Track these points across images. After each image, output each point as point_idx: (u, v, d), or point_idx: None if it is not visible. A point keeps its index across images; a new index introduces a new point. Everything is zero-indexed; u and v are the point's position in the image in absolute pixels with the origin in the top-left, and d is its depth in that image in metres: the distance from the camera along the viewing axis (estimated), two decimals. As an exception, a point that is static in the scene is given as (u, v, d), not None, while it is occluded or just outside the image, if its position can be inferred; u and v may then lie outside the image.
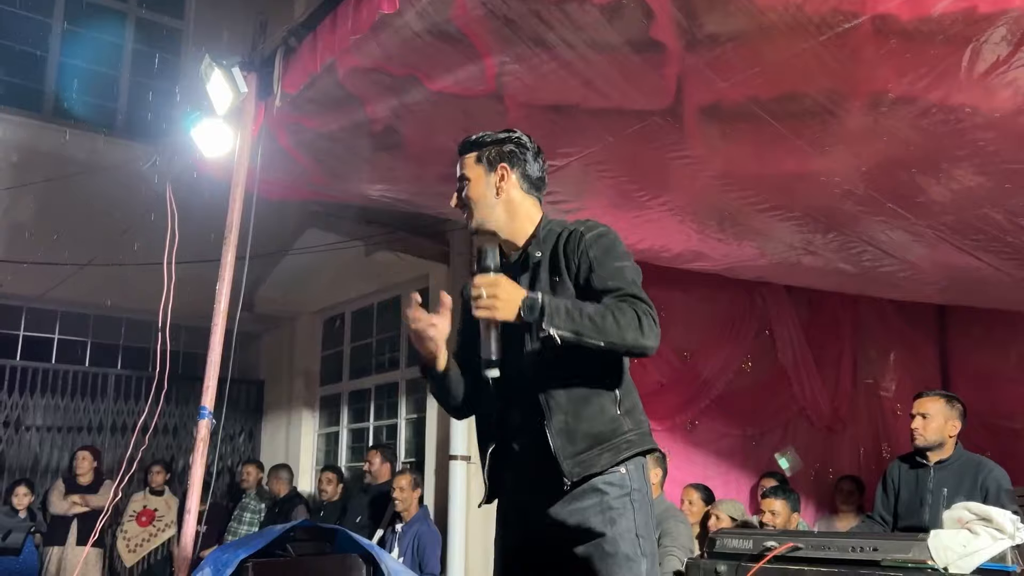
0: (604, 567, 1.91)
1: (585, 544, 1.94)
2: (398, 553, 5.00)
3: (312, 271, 6.83)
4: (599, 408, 2.00)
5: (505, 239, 2.16)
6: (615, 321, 1.88)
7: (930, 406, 3.67)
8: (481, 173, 2.16)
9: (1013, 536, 2.77)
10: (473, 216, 2.16)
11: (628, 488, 1.97)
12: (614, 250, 2.04)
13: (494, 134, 2.20)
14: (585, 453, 1.95)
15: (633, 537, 1.93)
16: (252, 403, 8.44)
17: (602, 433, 1.98)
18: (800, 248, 3.96)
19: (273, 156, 3.81)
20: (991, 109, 2.60)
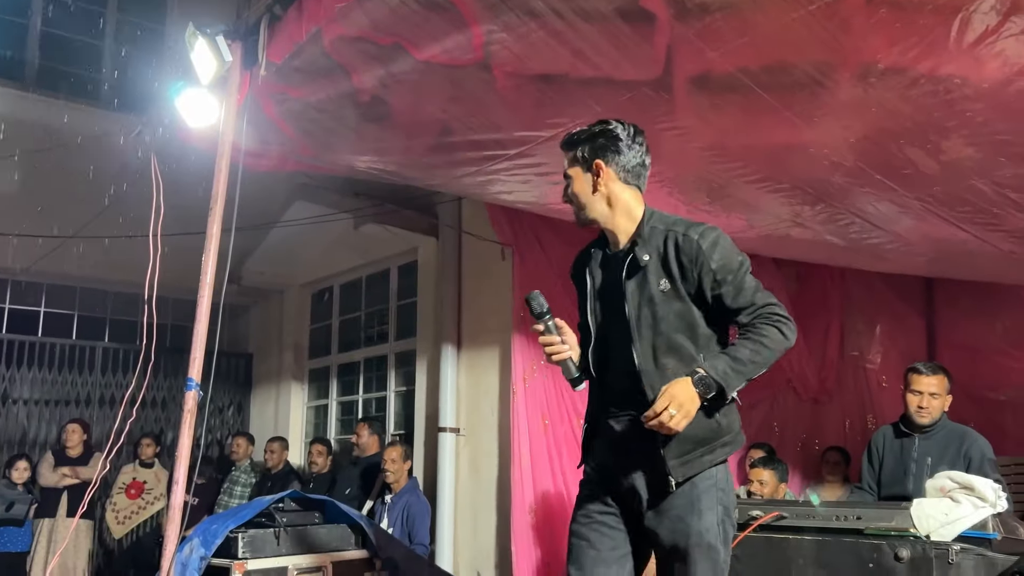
0: (690, 555, 2.08)
1: (672, 530, 2.11)
2: (387, 524, 5.03)
3: (300, 244, 6.80)
4: (706, 413, 2.11)
5: (607, 229, 2.30)
6: (767, 347, 2.07)
7: (937, 384, 3.70)
8: (579, 171, 2.28)
9: (994, 504, 2.81)
10: (578, 212, 2.30)
11: (715, 481, 2.14)
12: (732, 259, 2.14)
13: (588, 129, 2.28)
14: (689, 455, 2.11)
15: (716, 529, 2.10)
16: (241, 376, 8.44)
17: (705, 437, 2.13)
18: (788, 220, 3.96)
19: (259, 126, 3.77)
20: (980, 80, 2.58)
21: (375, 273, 7.20)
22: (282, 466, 6.60)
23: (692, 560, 2.08)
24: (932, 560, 2.67)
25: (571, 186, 2.29)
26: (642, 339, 2.15)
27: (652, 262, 2.17)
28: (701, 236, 2.14)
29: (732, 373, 2.03)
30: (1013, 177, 3.15)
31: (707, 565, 2.08)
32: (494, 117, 3.43)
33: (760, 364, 2.06)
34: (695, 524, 2.09)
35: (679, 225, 2.19)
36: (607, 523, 2.23)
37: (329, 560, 3.76)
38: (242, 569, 3.50)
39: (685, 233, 2.16)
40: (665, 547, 2.13)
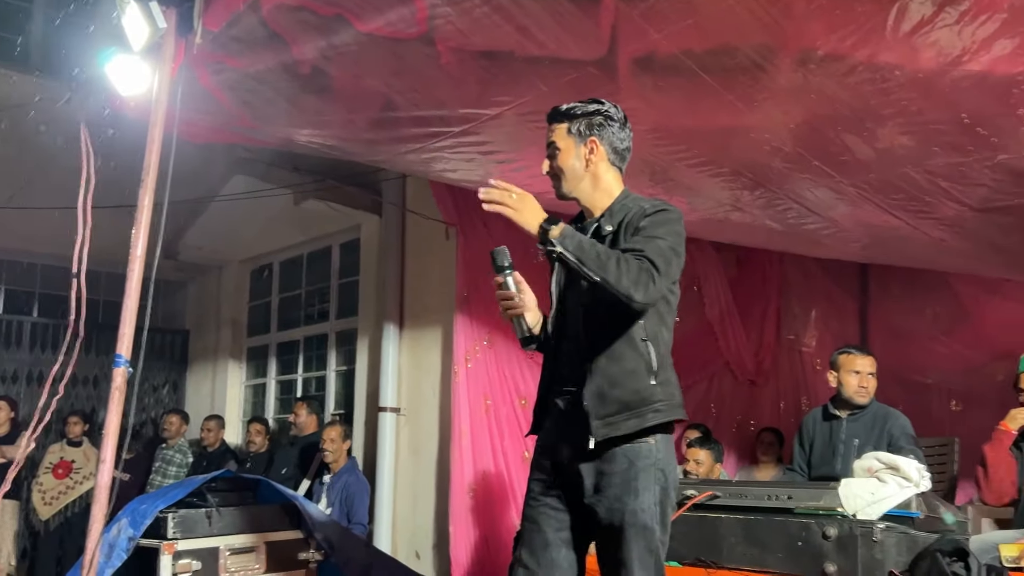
0: (624, 533, 2.09)
1: (609, 509, 2.11)
2: (326, 504, 4.98)
3: (239, 219, 6.66)
4: (633, 376, 2.14)
5: (585, 206, 2.33)
6: (618, 265, 2.04)
7: (871, 364, 3.87)
8: (571, 144, 2.28)
9: (918, 484, 2.90)
10: (562, 185, 2.30)
11: (654, 460, 2.13)
12: (663, 225, 2.16)
13: (584, 105, 2.29)
14: (613, 416, 2.11)
15: (653, 509, 2.11)
16: (177, 353, 8.26)
17: (632, 400, 2.13)
18: (728, 204, 4.00)
19: (195, 96, 3.65)
20: (915, 69, 2.63)
21: (316, 250, 7.10)
22: (218, 445, 6.49)
23: (626, 539, 2.08)
24: (858, 538, 2.73)
25: (559, 159, 2.29)
26: (591, 306, 2.17)
27: (611, 234, 2.20)
28: (654, 207, 2.18)
29: (577, 240, 2.06)
30: (945, 166, 3.23)
31: (641, 544, 2.08)
32: (438, 93, 3.38)
33: (600, 265, 2.04)
34: (631, 503, 2.09)
35: (647, 202, 2.23)
36: (552, 504, 2.24)
37: (263, 540, 3.70)
38: (172, 549, 3.42)
39: (643, 206, 2.20)
40: (603, 525, 2.14)
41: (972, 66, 2.54)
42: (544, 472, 2.28)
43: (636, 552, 2.07)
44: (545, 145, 2.33)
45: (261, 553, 3.70)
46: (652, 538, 2.10)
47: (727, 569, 2.97)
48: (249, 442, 6.34)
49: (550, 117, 2.33)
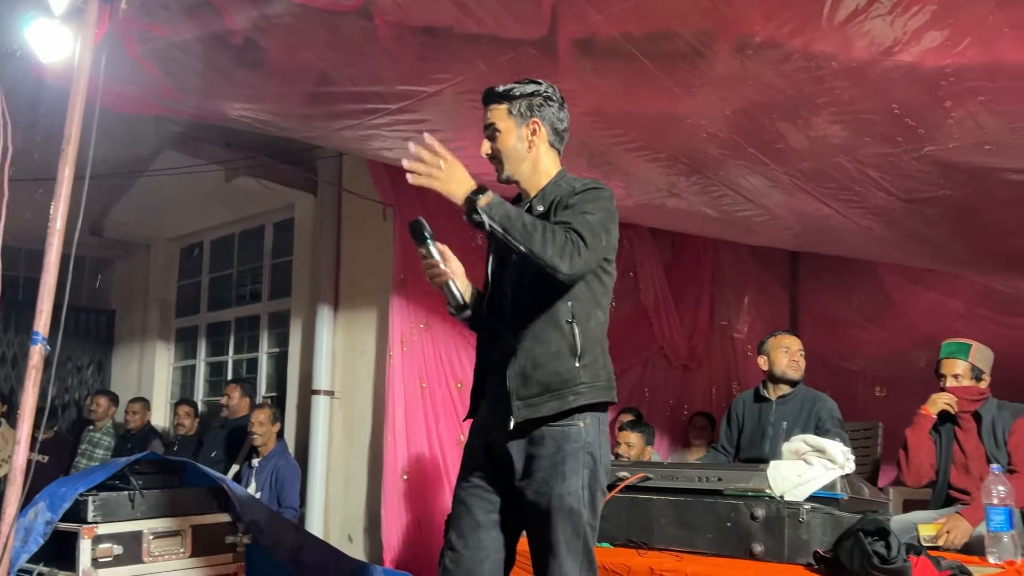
0: (551, 517, 2.08)
1: (536, 492, 2.10)
2: (255, 488, 4.89)
3: (168, 196, 6.46)
4: (557, 357, 2.11)
5: (524, 188, 2.31)
6: (543, 236, 2.01)
7: (799, 344, 3.98)
8: (512, 126, 2.24)
9: (843, 466, 2.97)
10: (503, 168, 2.26)
11: (583, 444, 2.11)
12: (593, 201, 2.14)
13: (522, 86, 2.26)
14: (535, 398, 2.10)
15: (580, 493, 2.09)
16: (102, 333, 8.00)
17: (553, 382, 2.11)
18: (665, 190, 4.03)
19: (120, 64, 3.50)
20: (849, 58, 2.67)
21: (249, 229, 6.93)
22: (143, 427, 6.32)
23: (553, 523, 2.07)
24: (784, 519, 2.79)
25: (500, 140, 2.25)
26: (520, 286, 2.16)
27: (543, 214, 2.17)
28: (584, 184, 2.17)
29: (503, 210, 2.01)
30: (874, 156, 3.30)
31: (568, 528, 2.07)
32: (375, 69, 3.31)
33: (526, 236, 2.00)
34: (557, 487, 2.07)
35: (579, 181, 2.22)
36: (483, 486, 2.23)
37: (188, 524, 3.61)
38: (92, 533, 3.31)
39: (574, 185, 2.19)
40: (531, 508, 2.13)
41: (903, 57, 2.59)
42: (476, 454, 2.27)
43: (563, 536, 2.07)
44: (483, 127, 2.29)
45: (187, 537, 3.61)
46: (579, 521, 2.08)
47: (657, 550, 3.00)
48: (177, 424, 6.19)
49: (487, 98, 2.28)
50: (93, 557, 3.33)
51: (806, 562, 2.70)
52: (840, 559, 2.50)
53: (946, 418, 3.71)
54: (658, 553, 2.97)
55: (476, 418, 2.33)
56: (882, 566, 2.38)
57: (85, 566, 3.32)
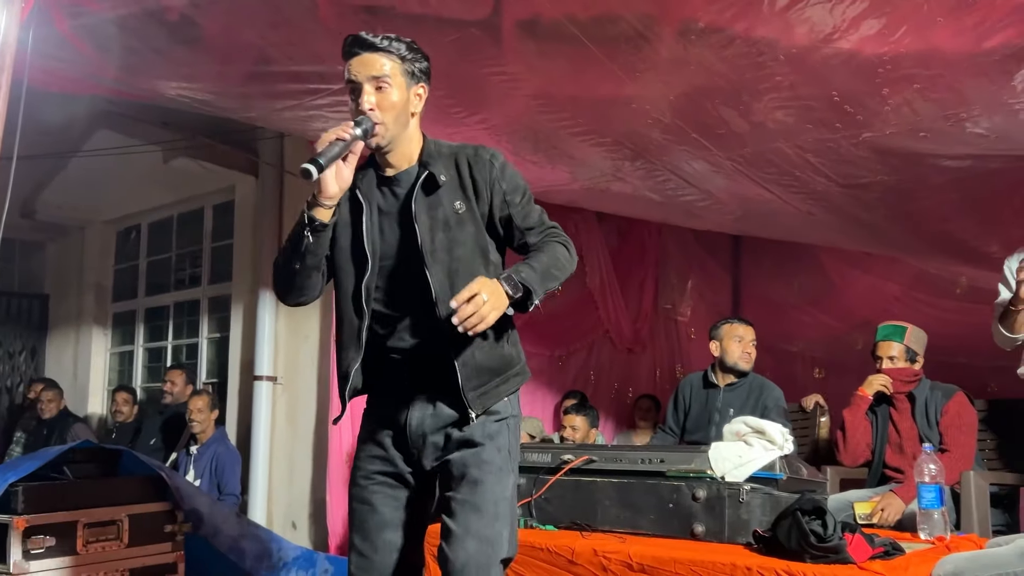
0: (479, 472, 1.99)
1: (462, 451, 2.01)
2: (194, 476, 4.81)
3: (104, 177, 6.27)
4: (496, 342, 2.06)
5: (390, 152, 2.07)
6: (560, 261, 2.02)
7: (752, 334, 4.02)
8: (404, 84, 2.02)
9: (782, 447, 3.02)
10: (386, 128, 2.00)
11: (507, 415, 2.09)
12: (520, 181, 2.10)
13: (410, 43, 2.04)
14: (485, 386, 2.04)
15: (507, 454, 2.04)
16: (35, 318, 7.77)
17: (498, 367, 2.07)
18: (610, 174, 4.04)
19: (50, 41, 3.37)
20: (789, 44, 2.70)
21: (188, 212, 6.77)
22: (57, 414, 6.11)
23: (481, 482, 1.97)
24: (725, 499, 2.83)
25: (391, 96, 1.99)
26: (436, 264, 2.01)
27: (448, 183, 2.04)
28: (492, 156, 2.08)
29: (536, 278, 1.94)
30: (814, 142, 3.35)
31: (498, 489, 1.98)
32: (316, 48, 3.24)
33: (556, 276, 2.00)
34: (487, 444, 2.01)
35: (467, 147, 2.10)
36: (389, 481, 2.09)
37: (125, 513, 3.52)
38: (23, 525, 3.21)
39: (476, 153, 2.08)
40: (454, 476, 2.00)
41: (842, 44, 2.63)
42: (381, 447, 2.10)
43: (492, 493, 1.97)
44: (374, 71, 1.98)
45: (124, 526, 3.52)
46: (505, 480, 2.01)
47: (601, 531, 3.02)
48: (116, 411, 6.04)
49: (378, 46, 1.98)
50: (24, 549, 3.23)
51: (746, 541, 2.75)
52: (779, 538, 2.54)
53: (882, 399, 3.81)
54: (602, 535, 2.99)
55: (376, 408, 2.15)
56: (819, 544, 2.43)
57: (16, 559, 3.21)
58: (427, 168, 2.05)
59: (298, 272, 2.03)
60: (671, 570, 2.62)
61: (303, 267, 2.02)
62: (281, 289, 2.12)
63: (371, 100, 1.97)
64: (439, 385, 2.03)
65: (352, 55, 2.01)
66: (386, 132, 2.00)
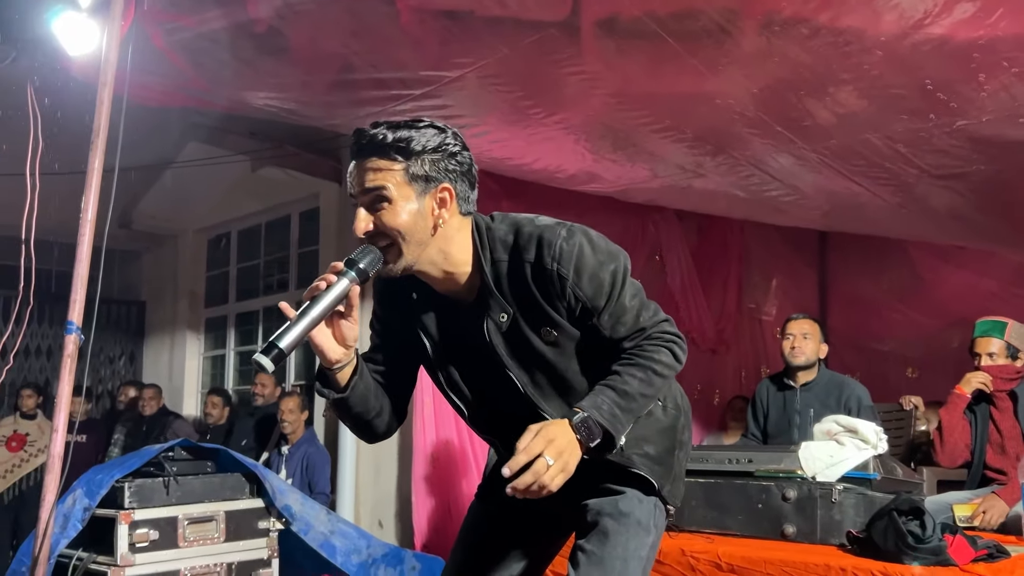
0: (614, 524, 1.69)
1: (601, 498, 1.72)
2: (286, 475, 4.94)
3: (195, 187, 6.51)
4: (648, 416, 1.76)
5: (435, 278, 1.62)
6: (658, 374, 1.62)
7: (808, 327, 3.88)
8: (411, 195, 1.53)
9: (876, 446, 2.94)
10: (401, 254, 1.55)
11: None
12: (601, 275, 1.58)
13: (421, 134, 1.54)
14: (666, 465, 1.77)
15: (651, 507, 1.73)
16: (133, 325, 8.10)
17: (664, 440, 1.79)
18: (691, 171, 4.00)
19: (147, 57, 3.53)
20: (877, 33, 2.63)
21: (275, 219, 6.97)
22: (156, 411, 6.37)
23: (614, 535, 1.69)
24: (816, 499, 2.77)
25: (391, 214, 1.52)
26: (546, 398, 1.67)
27: (515, 315, 1.61)
28: (559, 266, 1.55)
29: (621, 414, 1.56)
30: (904, 132, 3.25)
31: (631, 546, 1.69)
32: (397, 54, 3.31)
33: (650, 396, 1.63)
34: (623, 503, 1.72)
35: (528, 250, 1.58)
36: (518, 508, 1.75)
37: (222, 509, 3.65)
38: (128, 519, 3.36)
39: (538, 264, 1.57)
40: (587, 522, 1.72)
41: (933, 30, 2.55)
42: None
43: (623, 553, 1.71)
44: (366, 183, 1.53)
45: (220, 522, 3.65)
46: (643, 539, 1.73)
47: (688, 532, 2.99)
48: (206, 414, 6.26)
49: (367, 148, 1.54)
50: (130, 542, 3.38)
51: (839, 543, 2.68)
52: (874, 539, 2.47)
53: (982, 398, 3.66)
54: (689, 535, 2.96)
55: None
56: (917, 545, 2.36)
57: (123, 551, 3.37)
58: (487, 310, 1.61)
59: (357, 428, 1.72)
60: (762, 571, 2.58)
61: (357, 426, 1.71)
62: (357, 435, 1.78)
63: (361, 224, 1.54)
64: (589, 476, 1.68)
65: (351, 159, 1.59)
66: (399, 260, 1.55)
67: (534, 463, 1.44)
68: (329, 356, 1.56)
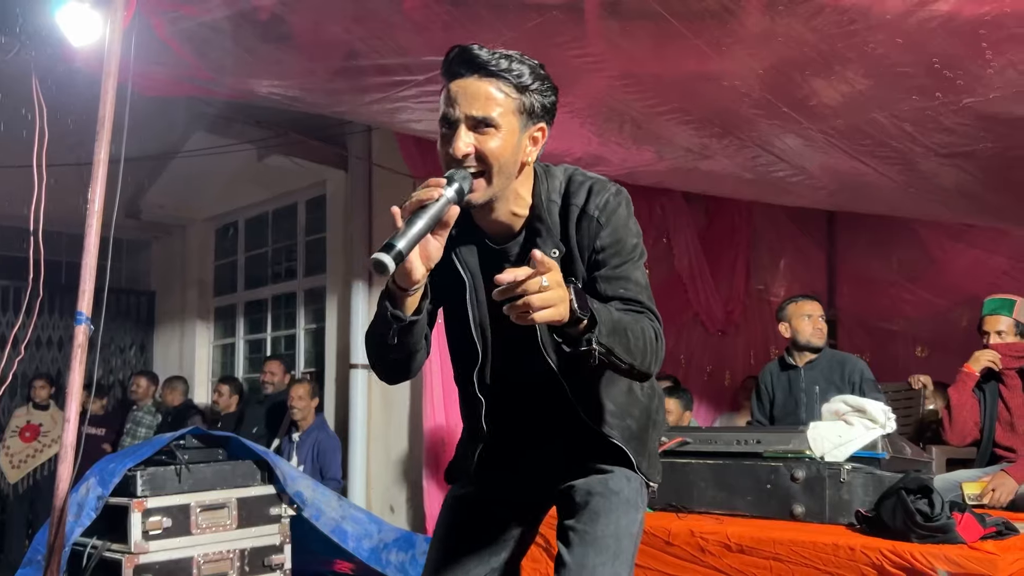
0: (605, 502, 1.68)
1: (589, 477, 1.71)
2: (297, 461, 4.98)
3: (202, 176, 6.53)
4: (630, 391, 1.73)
5: (491, 216, 1.60)
6: (640, 338, 1.52)
7: (820, 308, 3.91)
8: (516, 128, 1.51)
9: (884, 426, 2.94)
10: (490, 184, 1.52)
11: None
12: (625, 237, 1.61)
13: (535, 67, 1.53)
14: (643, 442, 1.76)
15: (637, 486, 1.72)
16: (143, 314, 8.15)
17: (642, 418, 1.76)
18: (697, 152, 3.98)
19: (150, 47, 3.53)
20: (883, 10, 2.60)
21: (282, 207, 6.99)
22: (181, 404, 6.44)
23: (606, 514, 1.69)
24: (825, 479, 2.78)
25: (496, 142, 1.50)
26: (555, 345, 1.58)
27: (561, 255, 1.62)
28: (601, 210, 1.60)
29: (607, 321, 1.45)
30: (911, 110, 3.23)
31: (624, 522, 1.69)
32: (401, 40, 3.30)
33: (630, 348, 1.49)
34: (612, 482, 1.72)
35: (579, 194, 1.62)
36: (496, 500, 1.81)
37: (234, 496, 3.69)
38: (141, 507, 3.40)
39: (585, 208, 1.61)
40: (576, 503, 1.71)
41: (939, 6, 2.52)
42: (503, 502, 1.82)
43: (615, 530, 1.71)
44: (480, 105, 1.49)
45: (233, 509, 3.68)
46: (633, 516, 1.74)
47: (697, 513, 3.00)
48: (215, 402, 6.30)
49: (484, 64, 1.50)
50: (144, 530, 3.42)
51: (848, 522, 2.69)
52: (883, 518, 2.48)
53: (991, 376, 3.65)
54: (698, 516, 2.97)
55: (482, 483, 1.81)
56: (926, 523, 2.36)
57: (136, 538, 3.41)
58: (535, 241, 1.60)
59: (397, 363, 1.63)
60: (771, 551, 2.59)
61: (400, 358, 1.61)
62: (383, 375, 1.70)
63: (464, 144, 1.49)
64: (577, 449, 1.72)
65: (453, 76, 1.53)
66: (485, 190, 1.52)
67: (530, 281, 1.33)
68: (415, 274, 1.45)
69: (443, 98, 1.54)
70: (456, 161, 1.49)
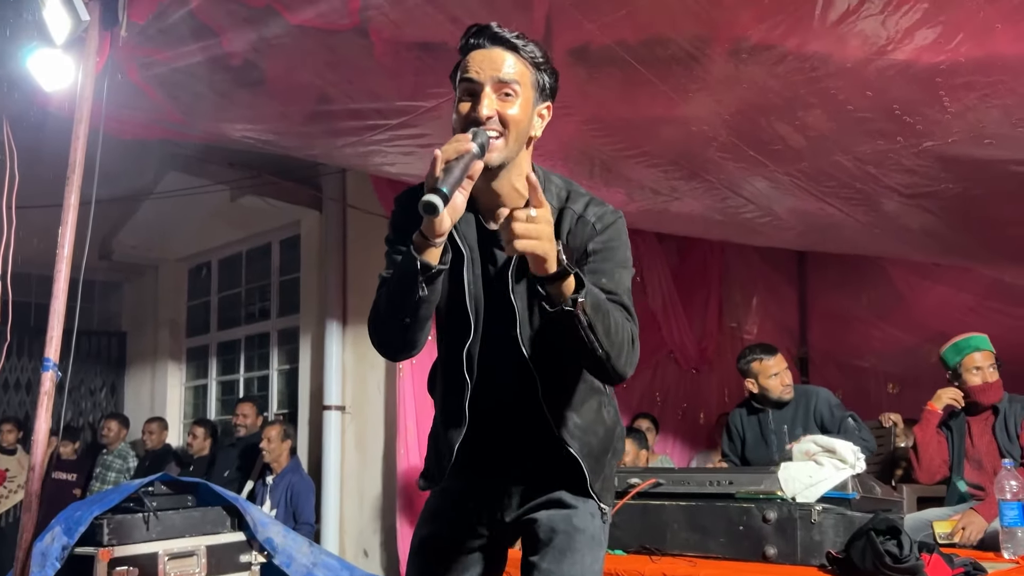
0: (568, 540, 1.68)
1: (551, 511, 1.71)
2: (270, 506, 4.91)
3: (175, 216, 6.51)
4: (598, 411, 1.76)
5: (494, 188, 1.63)
6: (623, 338, 1.56)
7: (783, 360, 3.91)
8: (531, 100, 1.60)
9: (854, 466, 2.96)
10: (505, 147, 1.56)
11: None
12: (618, 248, 1.67)
13: (543, 48, 1.63)
14: (600, 463, 1.75)
15: (600, 522, 1.74)
16: (114, 356, 8.07)
17: (605, 440, 1.77)
18: (666, 195, 4.04)
19: (123, 91, 3.54)
20: (843, 58, 2.68)
21: (256, 248, 6.98)
22: (160, 447, 6.37)
23: (571, 552, 1.68)
24: (797, 520, 2.78)
25: (515, 108, 1.57)
26: (533, 344, 1.67)
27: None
28: (599, 219, 1.66)
29: (591, 292, 1.50)
30: (874, 153, 3.30)
31: (587, 560, 1.69)
32: (373, 85, 3.34)
33: (607, 334, 1.52)
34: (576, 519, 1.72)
35: (579, 200, 1.68)
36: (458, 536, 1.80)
37: (203, 544, 3.63)
38: (108, 556, 3.33)
39: (583, 215, 1.66)
40: (540, 539, 1.71)
41: (897, 55, 2.60)
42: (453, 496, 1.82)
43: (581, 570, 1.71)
44: (506, 71, 1.56)
45: (202, 557, 3.63)
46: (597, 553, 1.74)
47: (671, 555, 2.99)
48: (189, 445, 6.22)
49: (506, 39, 1.58)
50: (110, 580, 3.35)
51: (819, 563, 2.69)
52: (853, 559, 2.49)
53: (960, 412, 3.69)
54: (671, 559, 2.96)
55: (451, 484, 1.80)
56: (894, 565, 2.37)
57: (102, 589, 3.34)
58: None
59: (409, 327, 1.61)
60: (743, 593, 2.58)
61: (415, 320, 1.59)
62: (389, 346, 1.70)
63: (489, 106, 1.55)
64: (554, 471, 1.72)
65: (473, 47, 1.61)
66: (503, 150, 1.57)
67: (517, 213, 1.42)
68: (444, 224, 1.48)
69: (462, 68, 1.61)
70: (477, 124, 1.54)
